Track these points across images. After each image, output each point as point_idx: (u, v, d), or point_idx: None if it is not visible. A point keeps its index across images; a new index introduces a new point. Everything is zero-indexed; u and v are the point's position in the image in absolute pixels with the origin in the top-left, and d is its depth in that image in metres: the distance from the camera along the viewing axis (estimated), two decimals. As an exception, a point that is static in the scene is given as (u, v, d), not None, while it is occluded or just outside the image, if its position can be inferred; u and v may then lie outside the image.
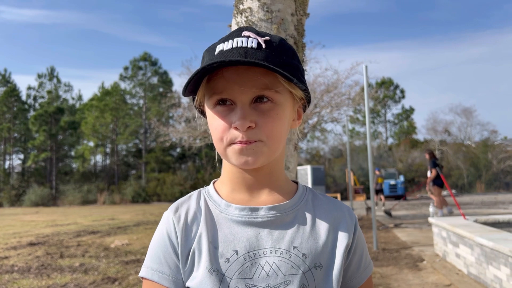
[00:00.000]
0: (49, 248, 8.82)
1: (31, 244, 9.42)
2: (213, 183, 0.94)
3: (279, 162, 0.90)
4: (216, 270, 0.80)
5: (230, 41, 0.81)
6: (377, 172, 18.62)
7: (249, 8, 1.48)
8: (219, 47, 0.81)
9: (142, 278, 0.86)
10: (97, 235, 10.91)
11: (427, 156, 11.86)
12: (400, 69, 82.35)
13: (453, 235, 6.03)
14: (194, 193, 0.93)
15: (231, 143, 0.81)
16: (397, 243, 8.21)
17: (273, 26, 1.46)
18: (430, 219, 7.30)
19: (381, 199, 17.93)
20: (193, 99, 0.90)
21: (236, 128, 0.79)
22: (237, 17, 1.52)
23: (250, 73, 0.79)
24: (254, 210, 0.85)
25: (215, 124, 0.82)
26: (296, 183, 0.96)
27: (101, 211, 23.43)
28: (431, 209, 11.60)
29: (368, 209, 13.86)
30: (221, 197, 0.89)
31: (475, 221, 6.68)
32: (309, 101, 0.92)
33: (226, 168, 0.90)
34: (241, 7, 1.50)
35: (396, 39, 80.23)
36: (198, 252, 0.83)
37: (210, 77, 0.81)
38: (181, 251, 0.84)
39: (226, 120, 0.80)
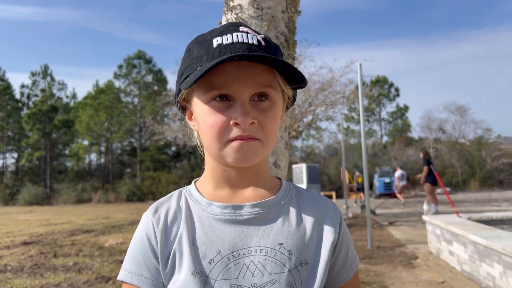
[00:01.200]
0: (43, 247, 8.77)
1: (25, 243, 9.36)
2: (195, 181, 0.92)
3: (265, 160, 0.89)
4: (199, 272, 0.77)
5: (229, 35, 0.78)
6: (357, 173, 19.74)
7: (239, 5, 1.47)
8: (217, 40, 0.78)
9: (121, 281, 0.84)
10: (91, 234, 10.87)
11: (421, 155, 12.33)
12: (395, 67, 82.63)
13: (447, 232, 6.06)
14: (175, 193, 0.90)
15: (229, 140, 0.78)
16: (391, 241, 8.24)
17: (263, 24, 1.45)
18: (424, 217, 7.33)
19: (361, 197, 18.85)
20: (176, 94, 0.86)
21: (236, 124, 0.76)
22: (227, 14, 1.51)
23: (252, 69, 0.77)
24: (238, 207, 0.83)
25: (211, 121, 0.78)
26: (280, 179, 0.94)
27: (96, 209, 23.34)
28: (425, 206, 11.67)
29: (363, 207, 13.90)
30: (202, 196, 0.86)
31: (469, 218, 6.71)
32: (293, 101, 0.92)
33: (209, 166, 0.88)
34: (231, 4, 1.49)
35: (391, 37, 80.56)
36: (179, 254, 0.80)
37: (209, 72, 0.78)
38: (161, 253, 0.81)
39: (224, 116, 0.77)
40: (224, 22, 1.53)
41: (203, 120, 0.80)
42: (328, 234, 0.85)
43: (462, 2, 74.77)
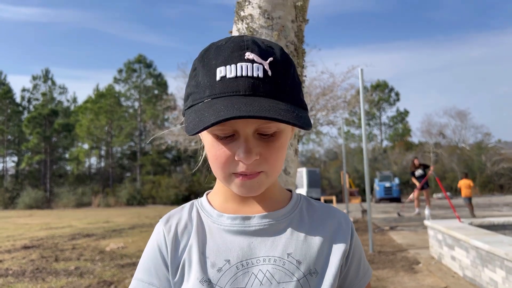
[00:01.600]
0: (44, 251, 8.77)
1: (26, 247, 9.35)
2: (206, 194, 0.94)
3: None
4: (207, 280, 0.79)
5: (233, 66, 0.75)
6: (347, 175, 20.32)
7: (250, 15, 1.49)
8: (220, 72, 0.75)
9: None
10: (92, 238, 10.86)
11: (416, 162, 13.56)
12: (398, 70, 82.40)
13: (448, 237, 6.06)
14: (187, 205, 0.92)
15: (233, 174, 0.79)
16: (392, 246, 8.24)
17: (274, 33, 1.47)
18: (426, 222, 7.34)
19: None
20: (183, 113, 0.85)
21: (240, 160, 0.76)
22: (238, 24, 1.53)
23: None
24: (247, 218, 0.84)
25: (216, 154, 0.78)
26: (290, 191, 0.95)
27: (96, 213, 23.31)
28: (426, 211, 11.70)
29: (364, 211, 13.89)
30: (213, 208, 0.88)
31: (471, 223, 6.72)
32: None
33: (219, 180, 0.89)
34: (242, 13, 1.51)
35: (396, 40, 79.85)
36: (188, 263, 0.82)
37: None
38: (171, 262, 0.83)
39: (229, 150, 0.77)
40: (234, 31, 1.55)
41: (208, 150, 0.81)
42: (339, 244, 0.86)
43: (471, 4, 73.91)
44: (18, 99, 45.55)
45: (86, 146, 42.50)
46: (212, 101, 0.74)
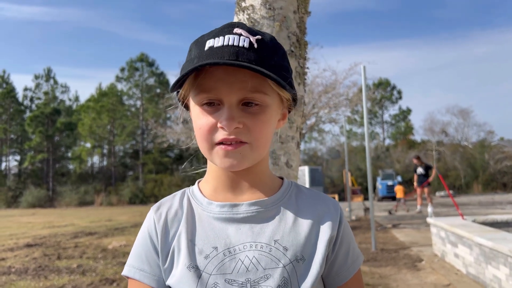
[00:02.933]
0: (47, 249, 8.78)
1: (28, 246, 9.37)
2: (198, 182, 0.95)
3: (264, 161, 0.90)
4: (194, 266, 0.80)
5: (221, 37, 0.78)
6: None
7: (251, 5, 1.47)
8: (209, 43, 0.79)
9: (125, 276, 0.86)
10: (94, 236, 10.87)
11: (415, 161, 13.49)
12: (402, 68, 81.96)
13: (451, 235, 6.03)
14: (178, 193, 0.93)
15: (216, 143, 0.80)
16: (395, 243, 8.21)
17: (275, 24, 1.45)
18: (429, 219, 7.31)
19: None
20: (177, 92, 0.88)
21: (222, 128, 0.78)
22: (239, 15, 1.51)
23: (240, 74, 0.77)
24: (235, 206, 0.85)
25: (200, 123, 0.80)
26: (282, 178, 0.95)
27: (98, 212, 23.35)
28: (429, 209, 11.67)
29: (366, 209, 13.86)
30: (204, 196, 0.89)
31: (474, 221, 6.68)
32: (295, 102, 0.91)
33: (211, 167, 0.90)
34: (243, 4, 1.49)
35: (400, 38, 79.30)
36: (177, 250, 0.83)
37: (198, 74, 0.79)
38: (161, 249, 0.84)
39: (212, 119, 0.79)
40: (235, 22, 1.53)
41: (195, 122, 0.83)
42: (326, 230, 0.85)
43: (475, 1, 73.27)
44: (20, 98, 45.69)
45: (88, 145, 42.57)
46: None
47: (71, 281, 5.87)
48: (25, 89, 46.39)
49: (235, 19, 1.55)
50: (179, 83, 0.79)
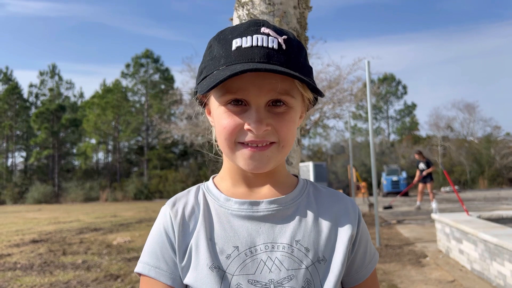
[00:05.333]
0: (52, 245, 8.83)
1: (34, 241, 9.43)
2: (213, 178, 0.93)
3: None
4: (217, 267, 0.78)
5: (249, 37, 0.76)
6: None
7: (251, 1, 1.46)
8: (236, 43, 0.77)
9: (139, 274, 0.84)
10: (99, 232, 10.92)
11: (416, 156, 13.61)
12: (409, 63, 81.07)
13: (456, 231, 6.00)
14: (193, 188, 0.91)
15: (240, 143, 0.79)
16: (399, 239, 8.19)
17: (275, 19, 1.43)
18: (433, 215, 7.28)
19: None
20: (195, 91, 0.86)
21: (249, 130, 0.77)
22: (239, 10, 1.50)
23: (269, 76, 0.75)
24: (255, 203, 0.84)
25: (225, 123, 0.79)
26: (297, 176, 0.95)
27: (104, 208, 23.47)
28: (433, 205, 11.62)
29: (371, 205, 13.83)
30: (220, 192, 0.87)
31: (479, 217, 6.65)
32: (316, 102, 0.91)
33: (227, 164, 0.89)
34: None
35: (408, 31, 77.83)
36: (195, 248, 0.81)
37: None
38: (178, 246, 0.82)
39: (238, 120, 0.78)
40: (235, 18, 1.52)
41: (218, 121, 0.81)
42: (346, 230, 0.85)
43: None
44: (25, 95, 45.88)
45: (93, 141, 42.68)
46: (227, 67, 0.75)
47: (76, 276, 5.90)
48: (30, 85, 46.60)
49: (235, 15, 1.53)
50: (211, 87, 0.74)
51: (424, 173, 13.08)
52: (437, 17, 74.53)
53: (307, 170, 21.37)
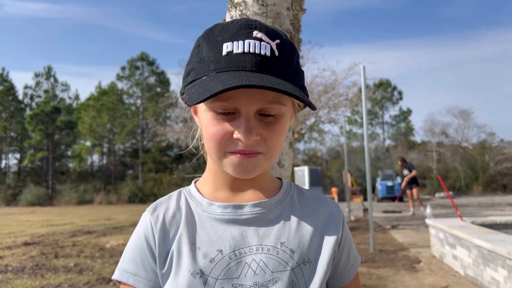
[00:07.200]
0: (44, 248, 8.76)
1: (26, 244, 9.35)
2: (195, 182, 0.92)
3: None
4: (199, 272, 0.76)
5: (240, 42, 0.73)
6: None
7: (244, 1, 1.44)
8: (227, 47, 0.73)
9: (117, 281, 0.82)
10: (92, 235, 10.85)
11: (399, 163, 13.58)
12: (406, 68, 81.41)
13: (450, 236, 6.01)
14: (174, 193, 0.90)
15: (229, 152, 0.77)
16: (394, 244, 8.19)
17: (268, 21, 1.42)
18: (427, 221, 7.29)
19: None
20: (182, 92, 0.83)
21: (239, 139, 0.75)
22: (231, 11, 1.49)
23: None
24: (239, 207, 0.83)
25: (213, 131, 0.76)
26: (281, 179, 0.94)
27: (98, 211, 23.33)
28: (428, 210, 11.64)
29: (365, 210, 13.84)
30: (203, 196, 0.86)
31: (473, 222, 6.66)
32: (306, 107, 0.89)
33: (210, 167, 0.87)
34: (236, 0, 1.46)
35: (406, 37, 78.54)
36: (177, 254, 0.79)
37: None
38: (159, 253, 0.80)
39: (227, 128, 0.75)
40: (228, 19, 1.51)
41: (206, 127, 0.78)
42: (331, 232, 0.85)
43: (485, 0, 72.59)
44: (20, 96, 45.67)
45: (88, 143, 42.51)
46: (217, 74, 0.73)
47: (68, 280, 5.84)
48: (25, 87, 46.41)
49: (228, 16, 1.52)
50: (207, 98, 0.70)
51: (406, 178, 13.05)
52: (435, 23, 75.09)
53: (303, 174, 21.36)
